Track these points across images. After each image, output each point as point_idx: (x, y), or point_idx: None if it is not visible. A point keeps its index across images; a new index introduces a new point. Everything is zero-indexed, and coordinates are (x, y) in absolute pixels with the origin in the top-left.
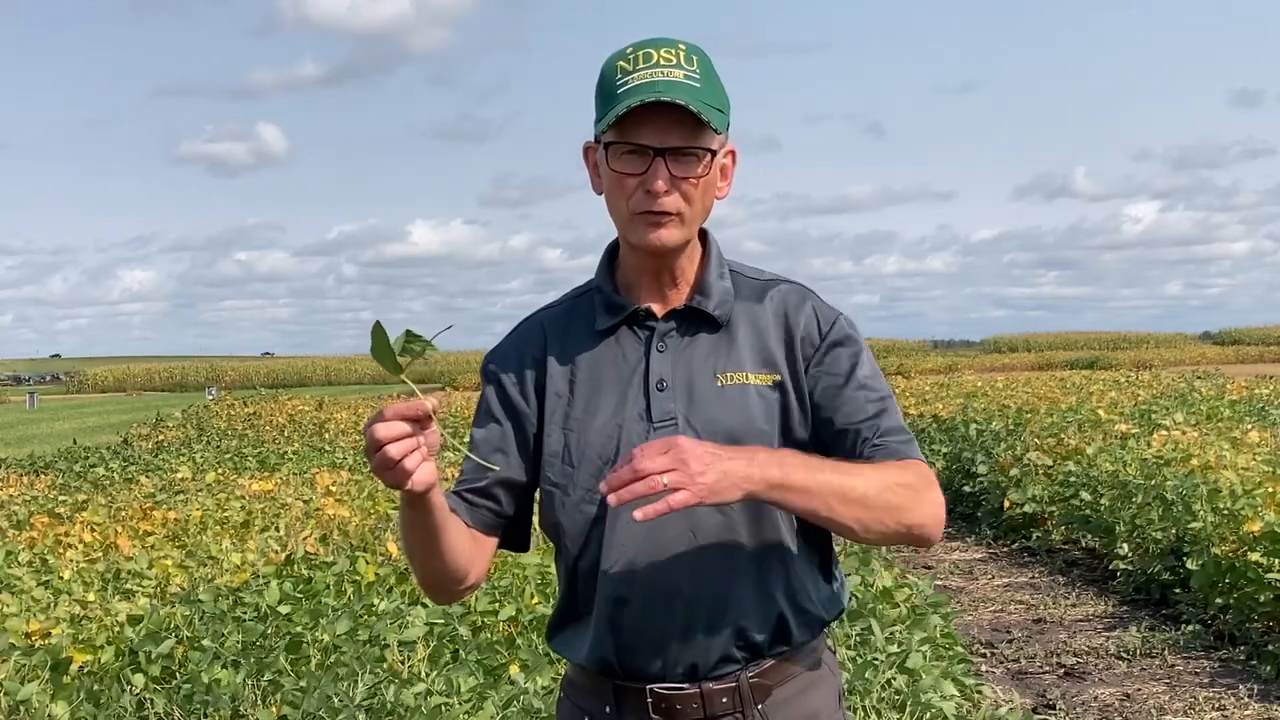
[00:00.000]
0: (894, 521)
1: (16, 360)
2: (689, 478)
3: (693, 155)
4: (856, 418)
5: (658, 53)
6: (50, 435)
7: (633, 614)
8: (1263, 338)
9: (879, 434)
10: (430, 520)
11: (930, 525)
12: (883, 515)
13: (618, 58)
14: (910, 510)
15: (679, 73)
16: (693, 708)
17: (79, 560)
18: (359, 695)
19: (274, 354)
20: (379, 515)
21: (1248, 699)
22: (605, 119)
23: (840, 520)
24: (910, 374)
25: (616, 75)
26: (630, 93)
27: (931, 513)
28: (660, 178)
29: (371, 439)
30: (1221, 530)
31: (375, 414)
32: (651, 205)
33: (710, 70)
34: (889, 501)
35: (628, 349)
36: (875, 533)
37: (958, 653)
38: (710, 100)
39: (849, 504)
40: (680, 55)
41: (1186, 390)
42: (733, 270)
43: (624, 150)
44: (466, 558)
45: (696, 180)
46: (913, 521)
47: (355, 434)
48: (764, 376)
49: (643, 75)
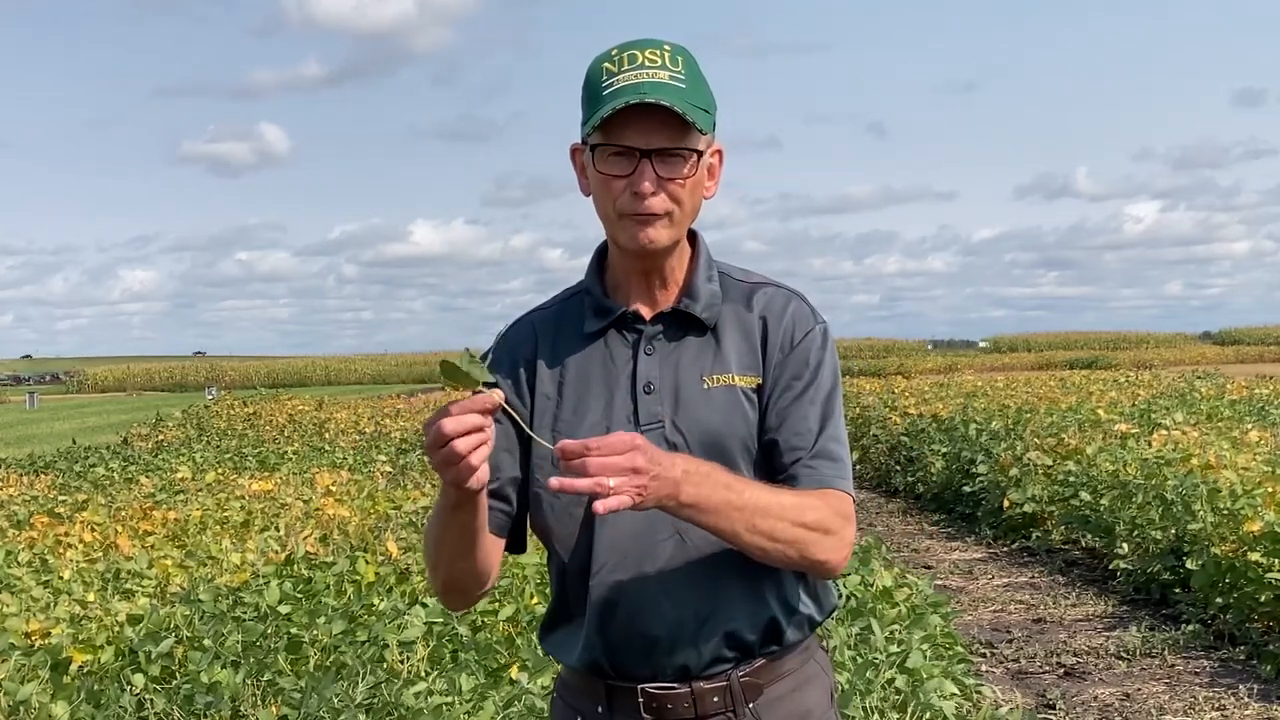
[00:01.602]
0: (797, 554)
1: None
2: (635, 488)
3: (679, 156)
4: (795, 434)
5: (643, 54)
6: (50, 435)
7: (623, 615)
8: (1263, 338)
9: (812, 456)
10: (473, 522)
11: (833, 562)
12: (786, 548)
13: (603, 59)
14: (815, 546)
15: (664, 74)
16: (684, 707)
17: (79, 560)
18: (359, 695)
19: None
20: (379, 515)
21: (1248, 699)
22: (591, 121)
23: (742, 546)
24: (910, 374)
25: (602, 77)
26: (616, 94)
27: (836, 550)
28: (647, 179)
29: (438, 434)
30: (1221, 530)
31: (439, 410)
32: (638, 207)
33: (696, 71)
34: (796, 536)
35: (616, 352)
36: (775, 561)
37: (958, 653)
38: (696, 101)
39: (755, 534)
40: (665, 56)
41: (1186, 390)
42: (721, 273)
43: (610, 152)
44: (491, 560)
45: (683, 181)
46: (815, 558)
47: (355, 434)
48: (749, 379)
49: (628, 77)
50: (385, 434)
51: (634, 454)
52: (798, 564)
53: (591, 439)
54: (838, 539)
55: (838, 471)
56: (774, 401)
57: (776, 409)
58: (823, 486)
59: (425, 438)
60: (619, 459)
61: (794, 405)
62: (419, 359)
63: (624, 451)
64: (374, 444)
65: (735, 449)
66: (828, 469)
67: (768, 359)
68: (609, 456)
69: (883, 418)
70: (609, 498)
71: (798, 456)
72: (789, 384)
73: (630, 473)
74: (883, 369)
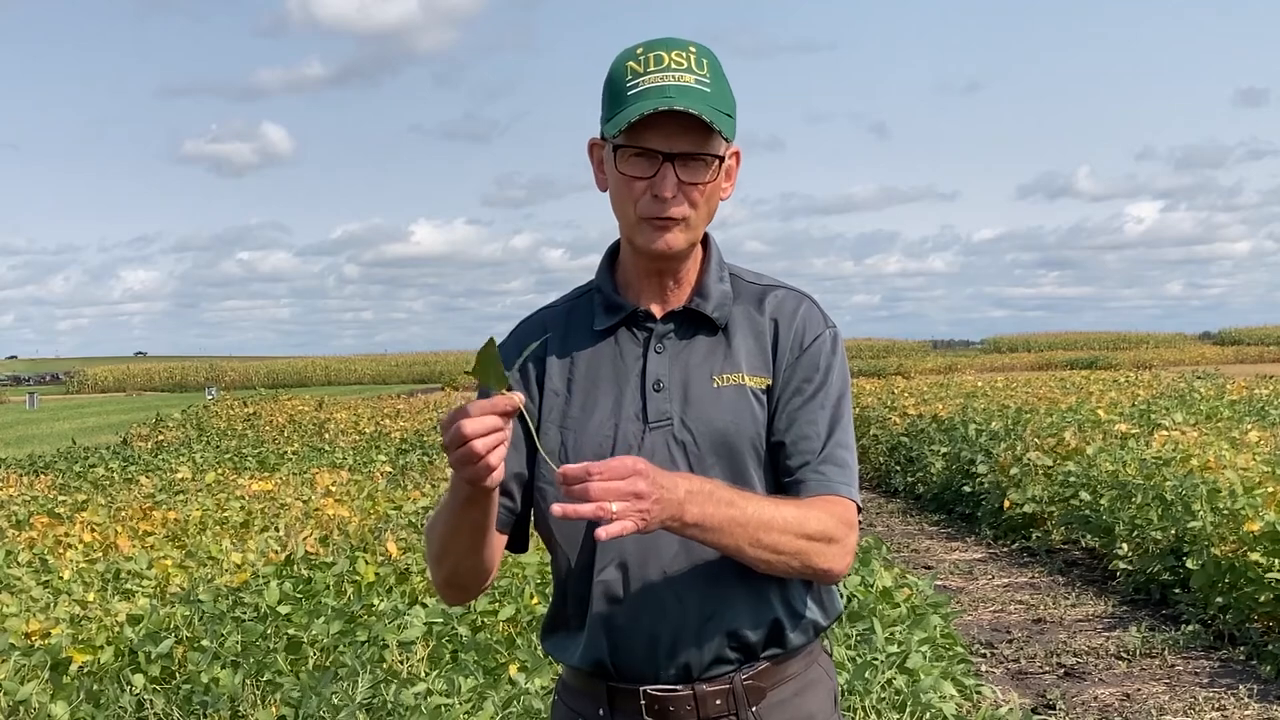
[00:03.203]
0: (800, 564)
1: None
2: (638, 512)
3: (701, 161)
4: (803, 439)
5: (669, 55)
6: (50, 435)
7: (625, 615)
8: (1263, 338)
9: (820, 461)
10: (484, 520)
11: (836, 569)
12: (789, 560)
13: (628, 58)
14: (818, 556)
15: (690, 77)
16: (686, 709)
17: (79, 560)
18: (358, 695)
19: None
20: (379, 515)
21: (1248, 699)
22: (616, 122)
23: (746, 560)
24: (910, 374)
25: (627, 76)
26: (641, 95)
27: (839, 559)
28: (668, 183)
29: (458, 434)
30: (1221, 530)
31: (458, 409)
32: (659, 211)
33: (720, 74)
34: (799, 548)
35: (626, 349)
36: (779, 571)
37: (958, 653)
38: (720, 105)
39: (758, 548)
40: (691, 59)
41: (1186, 390)
42: (733, 274)
43: (632, 153)
44: (495, 556)
45: (704, 186)
46: (819, 566)
47: (355, 434)
48: (759, 379)
49: (654, 78)
50: (385, 434)
51: (636, 479)
52: (801, 573)
53: (594, 463)
54: (840, 547)
55: (844, 478)
56: (783, 404)
57: (785, 412)
58: (828, 493)
59: (443, 436)
60: (621, 484)
61: (803, 409)
62: (419, 359)
63: (626, 476)
64: (374, 444)
65: (743, 449)
66: (834, 475)
67: (778, 361)
68: (611, 481)
69: (882, 418)
70: (611, 524)
71: (805, 461)
72: (799, 387)
73: (633, 498)
74: (883, 369)
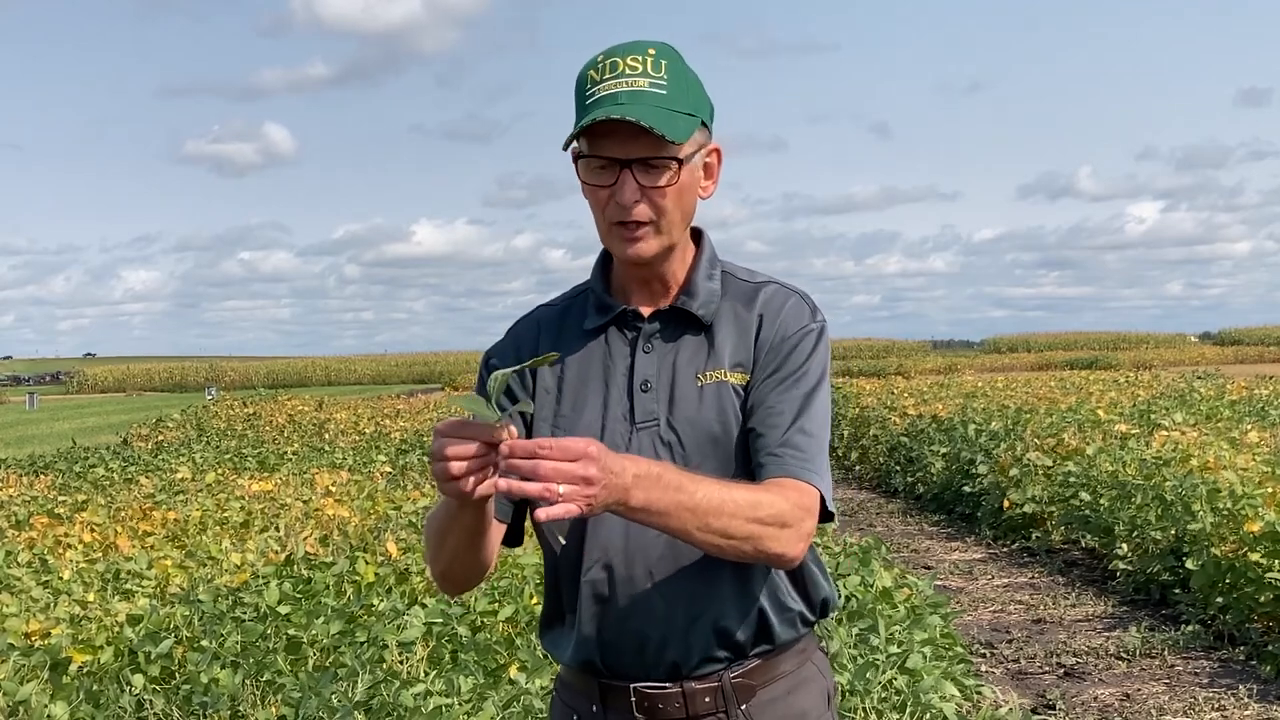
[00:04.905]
0: (752, 549)
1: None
2: (583, 496)
3: (658, 165)
4: (768, 424)
5: (624, 61)
6: (50, 435)
7: (613, 613)
8: (1263, 338)
9: (779, 445)
10: (477, 524)
11: (789, 554)
12: (740, 544)
13: (589, 66)
14: (770, 540)
15: (644, 81)
16: (675, 707)
17: (79, 560)
18: (358, 695)
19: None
20: (379, 516)
21: (1248, 699)
22: (572, 133)
23: (696, 544)
24: (910, 374)
25: (587, 85)
26: (595, 104)
27: (793, 544)
28: (628, 189)
29: (440, 452)
30: (1221, 530)
31: (450, 423)
32: (624, 216)
33: (681, 73)
34: (750, 532)
35: (615, 349)
36: (731, 556)
37: (958, 653)
38: (677, 105)
39: (707, 532)
40: (648, 62)
41: (1186, 390)
42: (726, 271)
43: (596, 164)
44: (491, 552)
45: (665, 190)
46: (770, 550)
47: (355, 434)
48: (739, 375)
49: (608, 86)
50: (385, 434)
51: (587, 462)
52: (753, 558)
53: (544, 439)
54: (794, 532)
55: (804, 462)
56: (754, 390)
57: (754, 397)
58: (786, 475)
59: (431, 445)
60: (573, 466)
61: (771, 394)
62: (419, 359)
63: (577, 458)
64: (374, 444)
65: (730, 445)
66: (793, 459)
67: (758, 351)
68: (562, 462)
69: (882, 418)
70: (554, 505)
71: (767, 445)
72: (772, 374)
73: (581, 481)
74: (883, 369)
